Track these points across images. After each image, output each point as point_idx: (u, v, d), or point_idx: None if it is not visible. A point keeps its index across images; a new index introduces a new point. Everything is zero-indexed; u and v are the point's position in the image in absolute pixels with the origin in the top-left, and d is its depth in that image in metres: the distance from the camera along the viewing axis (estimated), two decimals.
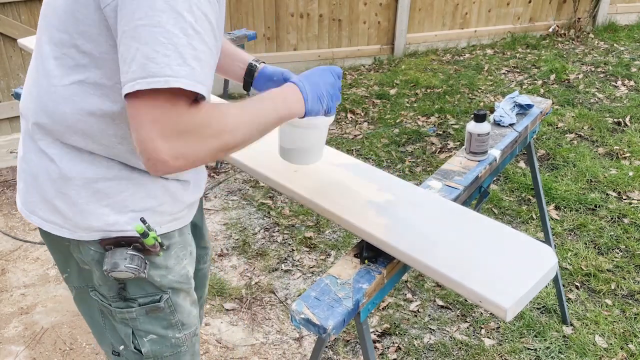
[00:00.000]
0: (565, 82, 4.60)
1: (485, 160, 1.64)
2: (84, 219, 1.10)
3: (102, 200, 1.09)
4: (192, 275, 1.29)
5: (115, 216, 1.10)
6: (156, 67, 0.87)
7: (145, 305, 1.20)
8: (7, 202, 3.21)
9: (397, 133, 3.89)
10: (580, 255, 2.63)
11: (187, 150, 0.92)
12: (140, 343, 1.25)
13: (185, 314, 1.27)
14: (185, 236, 1.24)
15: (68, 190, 1.09)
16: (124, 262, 1.08)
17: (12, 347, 2.26)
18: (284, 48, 4.88)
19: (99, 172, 1.09)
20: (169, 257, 1.19)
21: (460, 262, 1.16)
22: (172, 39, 0.87)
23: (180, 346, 1.30)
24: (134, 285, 1.18)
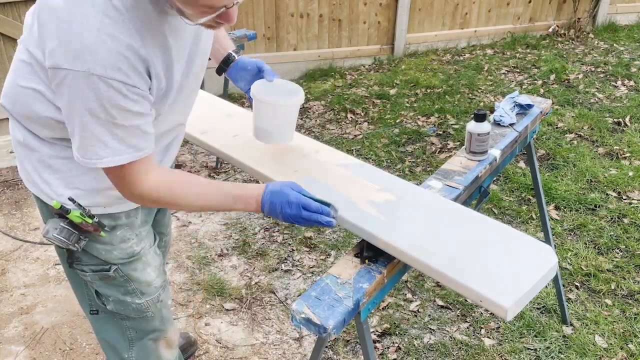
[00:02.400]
0: (565, 82, 4.60)
1: (485, 160, 1.65)
2: (42, 183, 1.29)
3: (55, 173, 1.27)
4: (143, 252, 1.43)
5: (63, 189, 1.28)
6: (85, 152, 1.12)
7: (97, 272, 1.37)
8: (7, 202, 3.21)
9: (397, 133, 3.89)
10: (580, 255, 2.63)
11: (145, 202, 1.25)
12: (105, 301, 1.42)
13: (142, 283, 1.43)
14: (132, 219, 1.39)
15: (31, 158, 1.28)
16: (54, 231, 1.25)
17: (12, 347, 2.26)
18: (284, 48, 4.88)
19: (54, 151, 1.26)
20: (114, 236, 1.35)
21: (460, 262, 1.16)
22: (94, 133, 1.09)
23: (144, 311, 1.46)
24: (83, 254, 1.35)
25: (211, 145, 1.65)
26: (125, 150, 1.12)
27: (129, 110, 1.10)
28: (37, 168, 1.29)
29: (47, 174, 1.28)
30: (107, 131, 1.09)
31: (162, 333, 1.54)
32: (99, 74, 1.03)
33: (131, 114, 1.11)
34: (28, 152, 1.29)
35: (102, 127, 1.08)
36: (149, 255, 1.45)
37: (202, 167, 3.60)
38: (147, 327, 1.50)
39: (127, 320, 1.47)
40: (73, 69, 1.03)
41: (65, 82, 1.05)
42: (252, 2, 4.60)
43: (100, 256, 1.35)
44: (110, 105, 1.06)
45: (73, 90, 1.05)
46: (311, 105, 4.45)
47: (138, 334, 1.50)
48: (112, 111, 1.07)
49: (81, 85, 1.04)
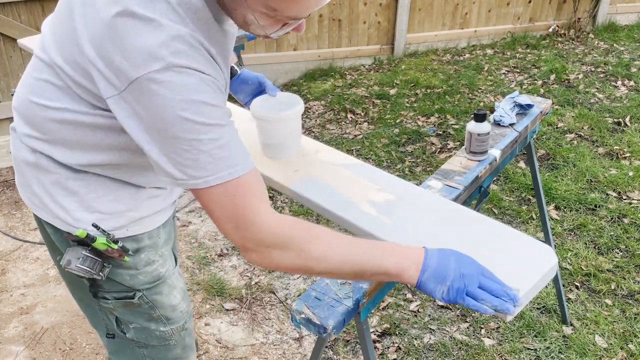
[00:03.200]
0: (565, 82, 4.60)
1: (485, 160, 1.64)
2: (56, 208, 1.15)
3: (72, 196, 1.14)
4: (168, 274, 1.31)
5: (82, 213, 1.15)
6: (192, 171, 0.94)
7: (120, 300, 1.25)
8: (7, 202, 3.21)
9: (397, 133, 3.89)
10: (580, 255, 2.63)
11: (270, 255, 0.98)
12: (125, 329, 1.31)
13: (168, 310, 1.31)
14: (155, 239, 1.26)
15: (44, 180, 1.15)
16: (76, 262, 1.13)
17: (12, 347, 2.26)
18: (284, 48, 4.88)
19: (72, 173, 1.13)
20: (138, 260, 1.23)
21: None
22: (192, 144, 0.92)
23: (167, 339, 1.34)
24: (106, 282, 1.22)
25: None
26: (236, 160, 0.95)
27: (217, 107, 0.95)
28: (51, 191, 1.15)
29: (63, 197, 1.14)
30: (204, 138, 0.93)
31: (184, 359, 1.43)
32: (180, 65, 0.91)
33: (220, 113, 0.96)
34: (40, 173, 1.15)
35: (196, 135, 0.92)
36: (173, 277, 1.33)
37: None
38: (167, 355, 1.38)
39: (145, 348, 1.35)
40: (149, 71, 0.89)
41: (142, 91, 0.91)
42: None
43: (124, 282, 1.23)
44: (199, 101, 0.92)
45: (154, 98, 0.91)
46: (311, 105, 4.45)
47: None
48: (203, 109, 0.92)
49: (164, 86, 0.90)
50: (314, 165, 1.50)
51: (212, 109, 0.94)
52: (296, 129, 1.56)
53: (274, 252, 0.98)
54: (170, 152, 0.94)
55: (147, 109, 0.92)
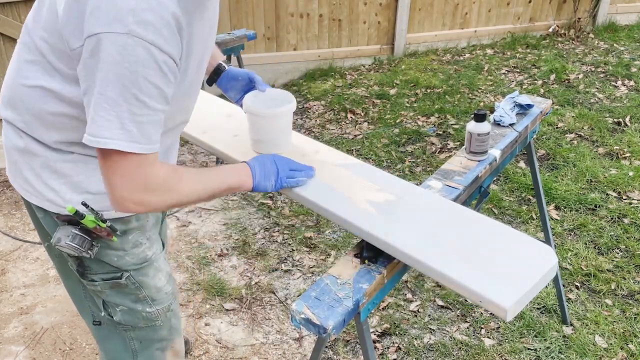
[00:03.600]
0: (565, 82, 4.60)
1: (485, 160, 1.64)
2: (46, 191, 1.22)
3: (61, 178, 1.21)
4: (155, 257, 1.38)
5: (71, 194, 1.22)
6: (98, 129, 1.03)
7: (107, 281, 1.31)
8: (7, 202, 3.21)
9: (397, 133, 3.89)
10: (580, 255, 2.63)
11: (147, 200, 1.11)
12: (112, 312, 1.37)
13: (153, 290, 1.37)
14: (142, 222, 1.33)
15: (34, 164, 1.22)
16: (66, 239, 1.19)
17: (12, 347, 2.26)
18: (284, 48, 4.87)
19: (59, 155, 1.21)
20: (126, 241, 1.30)
21: (460, 262, 1.16)
22: (114, 107, 1.01)
23: (154, 320, 1.40)
24: (94, 263, 1.29)
25: (211, 145, 1.65)
26: (140, 139, 1.05)
27: (157, 87, 1.04)
28: (41, 175, 1.22)
29: (53, 180, 1.21)
30: (128, 109, 1.02)
31: (169, 342, 1.48)
32: (140, 36, 0.98)
33: (157, 93, 1.05)
34: (29, 157, 1.22)
35: (125, 102, 1.01)
36: (160, 260, 1.40)
37: (202, 167, 3.60)
38: (154, 336, 1.44)
39: (132, 331, 1.40)
40: (112, 32, 0.97)
41: (99, 48, 0.99)
42: (252, 2, 4.60)
43: (112, 263, 1.29)
44: (142, 75, 1.01)
45: (105, 55, 0.99)
46: (311, 105, 4.45)
47: (143, 344, 1.44)
48: (141, 82, 1.01)
49: (116, 49, 0.98)
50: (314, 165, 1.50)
51: (150, 86, 1.03)
52: (288, 126, 1.58)
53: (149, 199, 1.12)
54: (92, 106, 1.03)
55: (93, 62, 1.00)
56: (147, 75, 1.01)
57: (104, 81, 1.00)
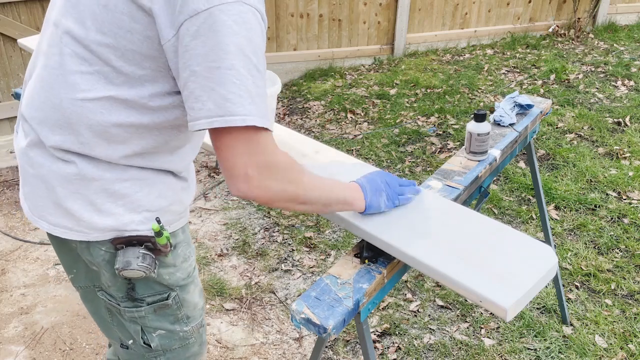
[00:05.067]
0: (565, 82, 4.60)
1: (485, 160, 1.64)
2: (100, 219, 1.11)
3: (119, 200, 1.11)
4: (196, 271, 1.33)
5: (130, 215, 1.12)
6: (233, 106, 0.94)
7: (153, 304, 1.23)
8: (7, 202, 3.21)
9: (397, 133, 3.89)
10: (580, 255, 2.64)
11: (270, 184, 1.02)
12: (149, 338, 1.28)
13: (191, 307, 1.31)
14: (187, 234, 1.28)
15: (86, 191, 1.10)
16: (136, 261, 1.11)
17: (12, 347, 2.26)
18: (284, 48, 4.88)
19: (117, 174, 1.10)
20: (176, 256, 1.23)
21: (460, 262, 1.16)
22: (243, 81, 0.94)
23: (188, 338, 1.34)
24: (142, 285, 1.20)
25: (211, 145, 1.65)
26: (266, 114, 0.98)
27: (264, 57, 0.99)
28: (96, 202, 1.10)
29: (109, 204, 1.11)
30: (253, 82, 0.95)
31: (198, 357, 1.42)
32: (247, 3, 0.93)
33: (264, 63, 0.99)
34: (82, 185, 1.10)
35: (249, 74, 0.94)
36: (197, 278, 1.35)
37: (202, 167, 3.60)
38: (185, 354, 1.37)
39: (163, 355, 1.33)
40: (223, 2, 0.91)
41: (212, 23, 0.92)
42: None
43: (163, 282, 1.21)
44: (257, 44, 0.96)
45: (222, 28, 0.92)
46: (311, 105, 4.45)
47: None
48: (258, 51, 0.96)
49: (232, 19, 0.92)
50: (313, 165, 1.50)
51: (262, 56, 0.98)
52: (273, 106, 1.55)
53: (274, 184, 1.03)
54: (217, 84, 0.94)
55: (209, 39, 0.92)
56: (260, 44, 0.97)
57: (228, 54, 0.93)
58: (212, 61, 0.93)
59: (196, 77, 0.95)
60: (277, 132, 1.68)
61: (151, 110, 1.05)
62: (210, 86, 0.94)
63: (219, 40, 0.92)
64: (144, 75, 1.02)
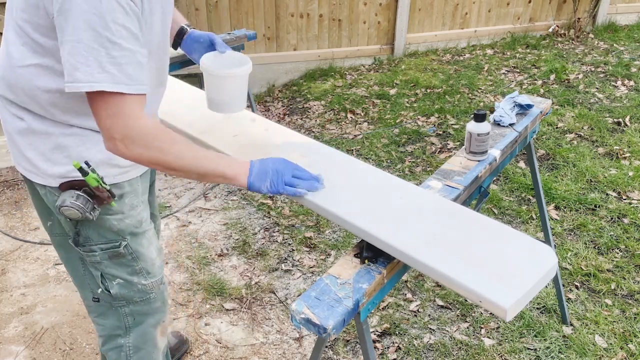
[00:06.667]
0: (565, 82, 4.60)
1: (485, 160, 1.65)
2: (49, 167, 1.30)
3: (63, 151, 1.29)
4: (149, 220, 1.48)
5: (72, 165, 1.28)
6: (80, 74, 1.10)
7: (107, 250, 1.40)
8: (7, 202, 3.21)
9: (397, 133, 3.89)
10: (580, 255, 2.64)
11: (133, 147, 1.17)
12: (109, 285, 1.45)
13: (148, 262, 1.47)
14: (135, 187, 1.42)
15: (37, 143, 1.30)
16: (70, 199, 1.27)
17: (12, 347, 2.26)
18: (284, 48, 4.88)
19: (59, 129, 1.29)
20: (123, 204, 1.39)
21: (460, 262, 1.16)
22: (91, 52, 1.09)
23: (148, 292, 1.50)
24: (93, 232, 1.37)
25: (211, 145, 1.65)
26: (123, 80, 1.12)
27: (126, 28, 1.12)
28: (45, 152, 1.29)
29: (56, 155, 1.29)
30: (105, 52, 1.10)
31: (162, 315, 1.57)
32: None
33: (127, 34, 1.12)
34: (33, 137, 1.30)
35: (101, 46, 1.09)
36: (150, 232, 1.48)
37: None
38: (148, 310, 1.53)
39: (127, 306, 1.49)
40: None
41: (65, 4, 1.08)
42: (252, 2, 4.60)
43: (112, 228, 1.37)
44: (110, 19, 1.08)
45: (73, 6, 1.07)
46: (311, 105, 4.45)
47: (137, 320, 1.53)
48: (111, 25, 1.09)
49: None
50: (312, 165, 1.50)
51: (120, 28, 1.11)
52: (243, 88, 1.60)
53: (138, 149, 1.18)
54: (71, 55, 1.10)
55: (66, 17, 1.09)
56: (114, 18, 1.09)
57: (77, 30, 1.08)
58: (69, 35, 1.10)
59: (63, 48, 1.12)
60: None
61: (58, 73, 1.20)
62: (66, 57, 1.11)
63: (71, 17, 1.08)
64: (54, 45, 1.17)
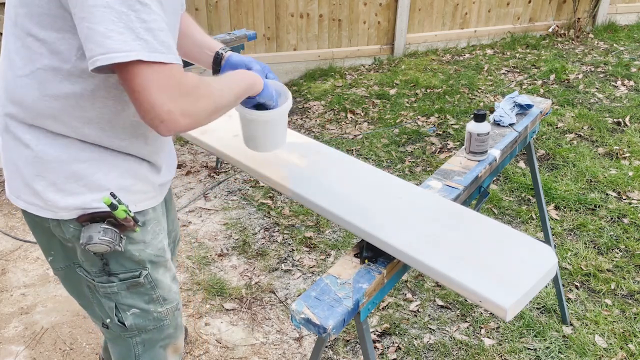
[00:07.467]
0: (565, 82, 4.60)
1: (485, 160, 1.65)
2: (63, 199, 1.18)
3: (79, 180, 1.17)
4: (168, 248, 1.40)
5: (91, 194, 1.18)
6: (113, 44, 0.95)
7: (125, 281, 1.31)
8: (7, 202, 3.21)
9: (397, 133, 3.89)
10: (580, 255, 2.64)
11: (191, 109, 1.04)
12: (123, 316, 1.36)
13: (165, 289, 1.39)
14: (158, 213, 1.35)
15: (46, 173, 1.17)
16: (97, 235, 1.17)
17: (12, 347, 2.26)
18: (284, 48, 4.88)
19: (72, 155, 1.16)
20: (146, 232, 1.29)
21: (460, 262, 1.16)
22: (121, 18, 0.95)
23: (162, 320, 1.42)
24: (114, 262, 1.27)
25: (211, 145, 1.65)
26: (161, 48, 0.99)
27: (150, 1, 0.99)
28: (56, 182, 1.16)
29: (71, 184, 1.17)
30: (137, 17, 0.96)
31: (173, 340, 1.50)
32: None
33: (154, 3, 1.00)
34: (41, 166, 1.16)
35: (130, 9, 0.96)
36: (169, 261, 1.40)
37: (202, 167, 3.60)
38: (160, 336, 1.45)
39: (138, 336, 1.41)
40: None
41: None
42: (252, 2, 4.60)
43: (133, 258, 1.28)
44: None
45: None
46: (311, 105, 4.45)
47: (146, 347, 1.45)
48: None
49: None
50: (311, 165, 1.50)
51: None
52: (284, 123, 1.48)
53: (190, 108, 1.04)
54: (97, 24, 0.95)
55: None
56: None
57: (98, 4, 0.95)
58: (91, 2, 0.95)
59: (81, 21, 0.97)
60: None
61: (79, 77, 1.09)
62: (89, 26, 0.96)
63: None
64: (60, 39, 1.06)
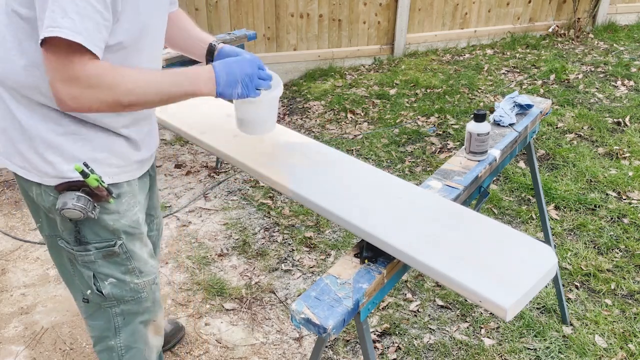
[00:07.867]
0: (565, 82, 4.60)
1: (485, 160, 1.65)
2: (44, 166, 1.28)
3: (55, 151, 1.27)
4: (143, 223, 1.47)
5: (67, 165, 1.28)
6: (46, 20, 1.06)
7: (101, 249, 1.39)
8: (7, 202, 3.21)
9: (397, 133, 3.89)
10: (580, 255, 2.64)
11: (80, 96, 1.12)
12: (101, 285, 1.43)
13: (141, 261, 1.47)
14: (133, 187, 1.42)
15: (30, 141, 1.28)
16: (71, 201, 1.26)
17: (12, 347, 2.26)
18: (284, 48, 4.88)
19: (50, 126, 1.26)
20: (120, 204, 1.38)
21: (460, 262, 1.16)
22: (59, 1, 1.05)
23: (140, 292, 1.49)
24: (89, 230, 1.36)
25: (211, 145, 1.66)
26: (82, 31, 1.07)
27: None
28: (39, 150, 1.27)
29: (49, 154, 1.27)
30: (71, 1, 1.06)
31: (152, 315, 1.56)
32: None
33: None
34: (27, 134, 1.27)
35: None
36: (144, 236, 1.48)
37: (202, 167, 3.60)
38: (138, 309, 1.52)
39: (117, 306, 1.49)
40: None
41: None
42: (252, 2, 4.60)
43: (108, 227, 1.36)
44: None
45: None
46: (311, 105, 4.45)
47: (126, 320, 1.52)
48: None
49: None
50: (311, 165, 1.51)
51: None
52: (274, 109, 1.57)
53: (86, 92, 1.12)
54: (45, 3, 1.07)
55: None
56: None
57: None
58: None
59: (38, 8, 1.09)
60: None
61: None
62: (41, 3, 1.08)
63: None
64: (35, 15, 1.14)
